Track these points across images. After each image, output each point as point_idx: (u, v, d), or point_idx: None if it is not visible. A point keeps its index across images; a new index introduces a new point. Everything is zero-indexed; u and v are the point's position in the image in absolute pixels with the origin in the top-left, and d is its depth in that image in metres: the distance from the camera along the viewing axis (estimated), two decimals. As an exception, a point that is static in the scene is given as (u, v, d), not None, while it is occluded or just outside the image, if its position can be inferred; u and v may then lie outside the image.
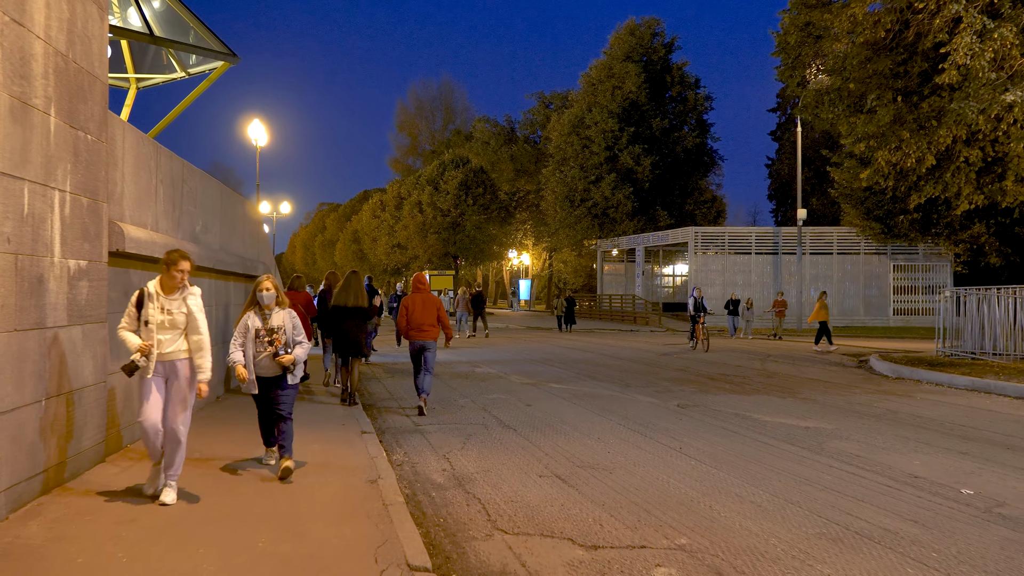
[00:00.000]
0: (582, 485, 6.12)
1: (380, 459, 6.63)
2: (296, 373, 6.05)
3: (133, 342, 5.12)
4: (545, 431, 8.39)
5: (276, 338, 5.96)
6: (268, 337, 5.92)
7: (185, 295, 5.32)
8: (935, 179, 13.09)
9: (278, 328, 5.97)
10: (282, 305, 6.10)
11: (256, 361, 5.93)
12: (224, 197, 10.63)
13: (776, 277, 34.74)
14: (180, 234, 8.33)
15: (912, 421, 9.21)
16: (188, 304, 5.28)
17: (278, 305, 6.07)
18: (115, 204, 6.45)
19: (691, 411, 9.82)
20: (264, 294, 5.97)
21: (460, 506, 5.57)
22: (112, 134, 6.38)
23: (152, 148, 7.39)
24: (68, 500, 5.17)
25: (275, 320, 5.99)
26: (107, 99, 6.09)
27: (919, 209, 20.68)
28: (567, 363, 16.35)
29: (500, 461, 6.95)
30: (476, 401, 10.58)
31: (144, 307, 5.19)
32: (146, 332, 5.16)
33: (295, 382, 6.10)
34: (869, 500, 5.70)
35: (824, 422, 9.05)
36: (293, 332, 6.04)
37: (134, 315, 5.20)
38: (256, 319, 5.98)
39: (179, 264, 5.22)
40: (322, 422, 8.46)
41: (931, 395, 11.67)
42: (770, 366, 16.06)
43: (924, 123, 11.85)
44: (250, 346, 5.93)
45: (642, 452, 7.33)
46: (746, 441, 7.87)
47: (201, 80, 15.78)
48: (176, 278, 5.22)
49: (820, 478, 6.35)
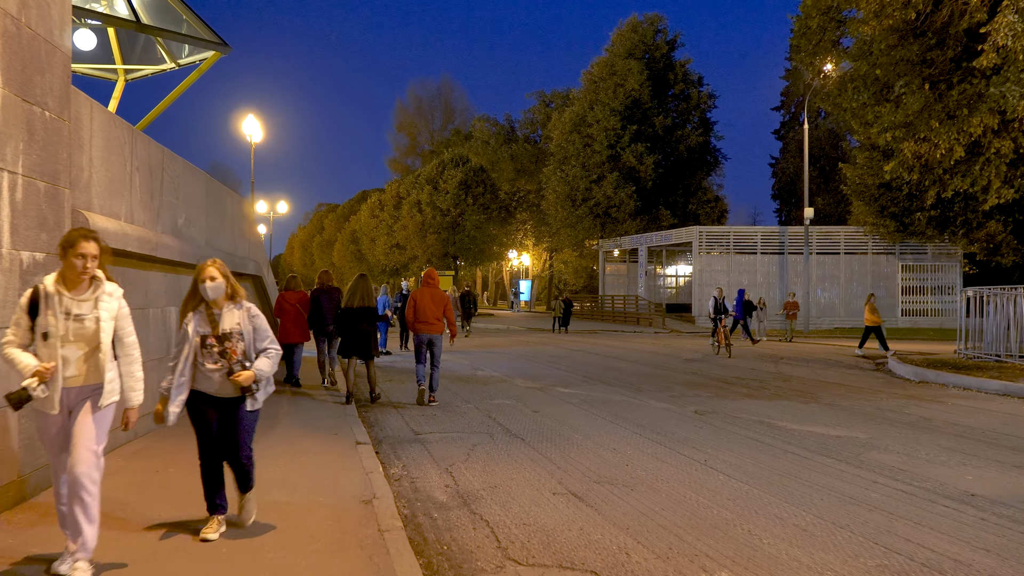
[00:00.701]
0: (601, 504, 5.47)
1: (376, 474, 5.97)
2: (260, 395, 4.45)
3: (25, 363, 3.71)
4: (556, 441, 7.74)
5: (230, 348, 4.36)
6: (219, 347, 4.35)
7: (99, 293, 3.89)
8: (962, 172, 12.45)
9: (232, 334, 4.38)
10: (237, 300, 4.46)
11: (201, 377, 4.42)
12: (211, 190, 9.98)
13: (782, 277, 34.09)
14: (159, 227, 7.68)
15: (950, 429, 8.56)
16: (101, 307, 3.86)
17: (231, 300, 4.44)
18: (81, 191, 5.79)
19: (710, 418, 9.17)
20: (208, 286, 4.34)
21: (466, 530, 4.92)
22: (77, 113, 5.73)
23: (126, 131, 6.74)
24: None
25: (228, 322, 4.40)
26: (69, 72, 5.45)
27: (936, 206, 20.04)
28: (573, 366, 15.70)
29: (509, 475, 6.30)
30: (480, 407, 9.92)
31: (40, 314, 3.79)
32: (45, 348, 3.78)
33: (256, 408, 4.47)
34: (927, 523, 5.04)
35: (856, 430, 8.40)
36: (255, 338, 4.44)
37: (26, 325, 3.80)
38: (201, 322, 4.39)
39: (79, 246, 3.76)
40: (313, 432, 7.80)
41: (962, 400, 11.02)
42: (785, 369, 15.41)
43: (954, 112, 11.21)
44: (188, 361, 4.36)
45: (664, 465, 6.68)
46: (776, 453, 7.22)
47: (191, 71, 15.15)
48: (77, 267, 3.77)
49: (866, 496, 5.70)
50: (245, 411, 4.41)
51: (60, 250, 3.82)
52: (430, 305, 9.82)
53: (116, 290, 3.99)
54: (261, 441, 7.18)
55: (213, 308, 4.41)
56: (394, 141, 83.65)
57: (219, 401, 4.43)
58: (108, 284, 3.96)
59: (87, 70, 14.92)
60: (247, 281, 12.32)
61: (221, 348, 4.34)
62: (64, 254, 3.79)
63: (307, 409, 9.27)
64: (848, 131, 42.26)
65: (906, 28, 11.15)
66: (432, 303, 9.83)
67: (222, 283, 4.39)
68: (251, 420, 4.51)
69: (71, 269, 3.79)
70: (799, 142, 45.34)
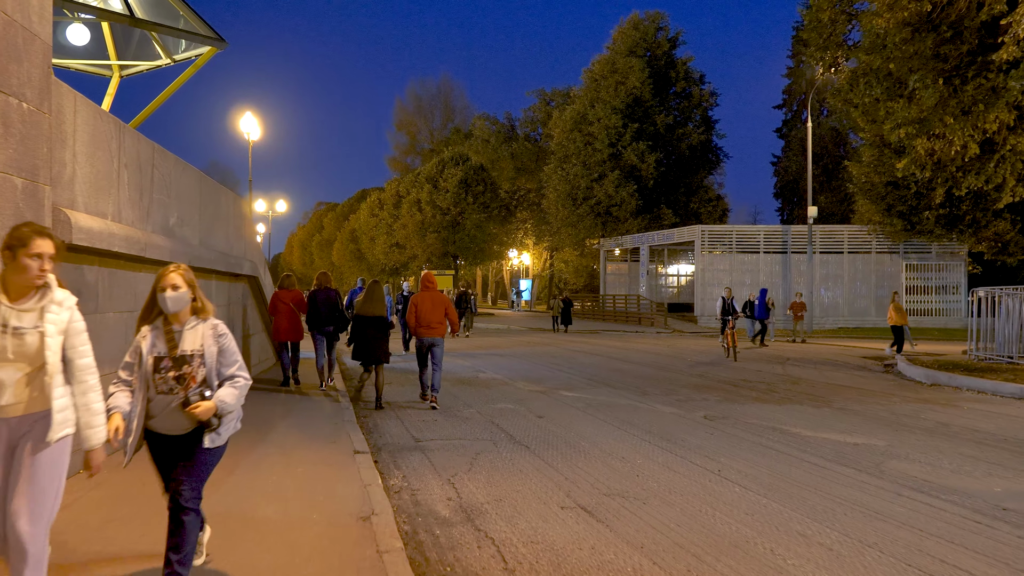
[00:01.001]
0: (613, 520, 5.17)
1: (375, 487, 5.67)
2: (222, 431, 3.61)
3: None
4: (562, 449, 7.44)
5: (188, 373, 3.51)
6: (174, 371, 3.50)
7: (45, 302, 3.14)
8: (976, 170, 12.14)
9: (193, 356, 3.54)
10: (203, 315, 3.64)
11: (152, 408, 3.55)
12: (205, 187, 9.68)
13: (785, 277, 33.79)
14: (150, 226, 7.37)
15: (970, 436, 8.26)
16: (48, 318, 3.12)
17: (196, 315, 3.63)
18: (63, 188, 5.49)
19: (720, 424, 8.87)
20: (168, 296, 3.50)
21: (470, 548, 4.62)
22: (59, 105, 5.42)
23: (113, 126, 6.43)
24: None
25: (189, 342, 3.57)
26: (50, 62, 5.14)
27: (944, 204, 19.74)
28: (576, 367, 15.39)
29: (514, 487, 6.00)
30: (482, 411, 9.62)
31: None
32: None
33: (217, 445, 3.61)
34: (961, 541, 4.74)
35: (873, 437, 8.10)
36: (219, 362, 3.59)
37: None
38: (157, 339, 3.56)
39: (33, 244, 3.07)
40: (309, 439, 7.50)
41: (978, 404, 10.72)
42: (792, 371, 15.11)
43: (969, 107, 10.91)
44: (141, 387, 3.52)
45: (676, 476, 6.38)
46: (792, 462, 6.92)
47: (187, 67, 14.84)
48: (31, 271, 3.08)
49: (892, 511, 5.39)
50: (203, 448, 3.54)
51: (5, 251, 3.10)
52: (431, 309, 9.90)
53: (68, 299, 3.23)
54: (256, 449, 6.90)
55: (173, 323, 3.58)
56: (394, 140, 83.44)
57: (170, 440, 3.58)
58: (59, 291, 3.20)
59: (80, 66, 14.59)
60: (243, 282, 12.01)
61: (178, 373, 3.49)
62: (13, 255, 3.07)
63: (304, 413, 8.97)
64: (852, 129, 41.97)
65: (920, 21, 10.84)
66: (433, 306, 9.91)
67: (186, 293, 3.55)
68: (208, 460, 3.59)
69: (20, 273, 3.08)
70: (801, 140, 45.00)
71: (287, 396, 10.48)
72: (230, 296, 11.06)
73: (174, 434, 3.57)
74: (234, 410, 3.63)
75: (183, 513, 3.46)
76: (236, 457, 6.53)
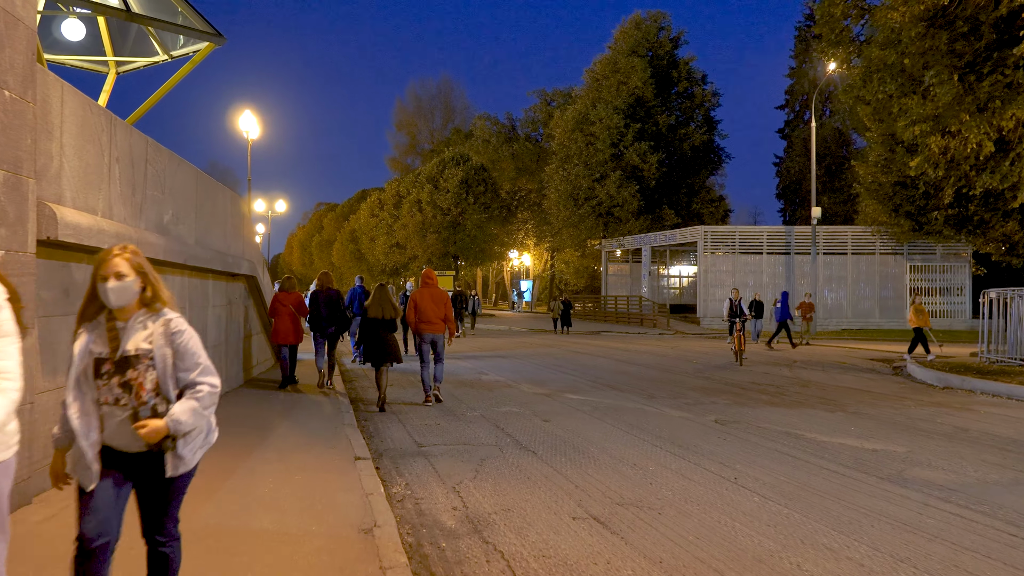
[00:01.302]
0: (628, 531, 4.90)
1: (377, 496, 5.40)
2: (186, 453, 2.91)
3: None
4: (570, 455, 7.17)
5: (134, 379, 2.83)
6: (118, 376, 2.83)
7: None
8: (991, 169, 11.87)
9: (139, 357, 2.85)
10: (155, 307, 2.92)
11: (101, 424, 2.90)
12: (201, 184, 9.41)
13: (788, 278, 33.52)
14: (143, 223, 7.10)
15: (991, 442, 7.99)
16: None
17: (146, 307, 2.91)
18: (50, 182, 5.22)
19: (732, 428, 8.60)
20: (111, 286, 2.81)
21: (479, 563, 4.36)
22: (45, 95, 5.16)
23: (104, 118, 6.17)
24: None
25: (134, 339, 2.86)
26: (35, 49, 4.87)
27: (953, 204, 19.48)
28: (580, 370, 15.13)
29: (522, 496, 5.73)
30: (486, 415, 9.35)
31: None
32: None
33: (182, 472, 2.92)
34: (999, 557, 4.47)
35: (891, 443, 7.83)
36: (174, 366, 2.89)
37: None
38: (97, 338, 2.88)
39: None
40: (308, 443, 7.23)
41: (993, 408, 10.46)
42: (801, 373, 14.84)
43: (984, 104, 10.64)
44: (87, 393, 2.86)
45: (691, 484, 6.11)
46: (810, 469, 6.65)
47: (184, 63, 14.58)
48: None
49: (921, 522, 5.13)
50: (165, 476, 2.89)
51: None
52: (431, 305, 9.99)
53: None
54: (252, 453, 6.63)
55: (118, 318, 2.88)
56: (394, 140, 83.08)
57: (124, 459, 2.91)
58: None
59: (76, 62, 14.33)
60: (240, 282, 11.74)
61: (122, 379, 2.81)
62: None
63: (303, 416, 8.70)
64: (855, 129, 41.68)
65: (936, 15, 10.57)
66: (433, 303, 10.01)
67: (133, 282, 2.85)
68: (176, 487, 2.96)
69: None
70: (804, 141, 44.76)
71: (286, 397, 10.23)
72: (227, 296, 10.79)
73: (132, 451, 2.89)
74: (195, 428, 2.92)
75: (160, 547, 3.01)
76: (232, 462, 6.28)
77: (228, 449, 6.80)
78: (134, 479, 2.95)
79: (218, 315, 10.20)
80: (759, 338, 23.74)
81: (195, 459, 2.99)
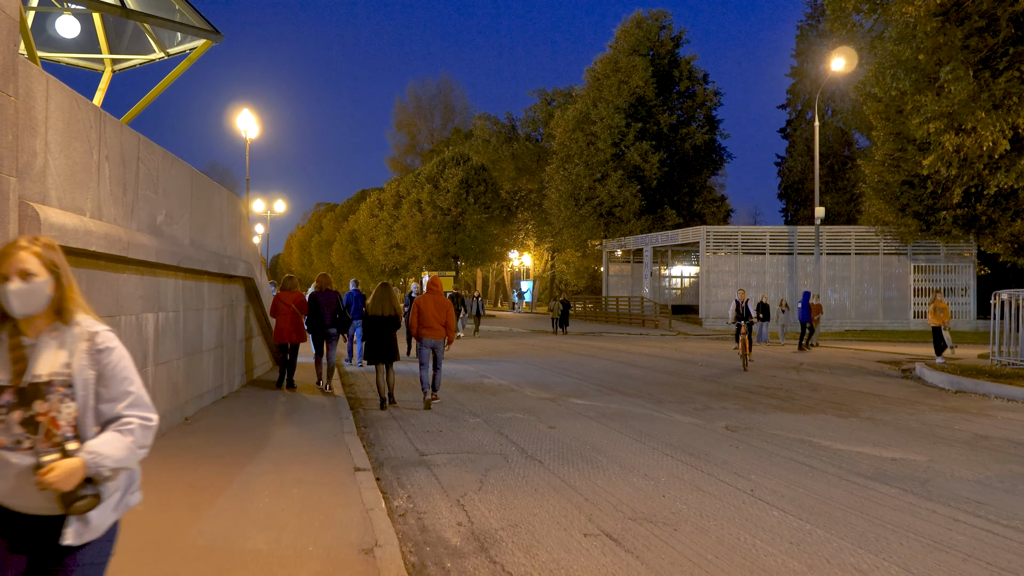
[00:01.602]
0: (642, 550, 4.64)
1: (378, 512, 5.13)
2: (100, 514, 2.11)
3: None
4: (578, 464, 6.90)
5: (44, 413, 2.09)
6: (21, 410, 2.09)
7: None
8: (1006, 167, 11.60)
9: (52, 384, 2.12)
10: (65, 318, 2.21)
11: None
12: (196, 184, 9.14)
13: (791, 278, 33.26)
14: (134, 224, 6.83)
15: (1015, 450, 7.72)
16: None
17: (58, 317, 2.21)
18: (33, 181, 4.95)
19: (745, 435, 8.33)
20: (14, 290, 2.11)
21: (486, 586, 4.09)
22: (29, 89, 4.89)
23: (93, 114, 5.90)
24: None
25: (46, 362, 2.14)
26: (17, 41, 4.61)
27: (962, 204, 19.21)
28: (584, 372, 14.86)
29: (530, 510, 5.46)
30: (489, 421, 9.09)
31: None
32: None
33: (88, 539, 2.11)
34: (1039, 578, 4.21)
35: (910, 452, 7.56)
36: (98, 394, 2.16)
37: None
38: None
39: None
40: (306, 453, 6.96)
41: (1012, 414, 10.19)
42: (809, 377, 14.58)
43: (1000, 101, 10.38)
44: None
45: (706, 496, 5.84)
46: (830, 480, 6.38)
47: (181, 60, 14.32)
48: None
49: (952, 539, 4.86)
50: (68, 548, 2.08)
51: None
52: (434, 312, 10.01)
53: None
54: (247, 465, 6.37)
55: (23, 332, 2.16)
56: (393, 140, 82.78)
57: (23, 521, 2.12)
58: None
59: (71, 60, 14.07)
60: (237, 283, 11.48)
61: (26, 412, 2.09)
62: None
63: (301, 422, 8.42)
64: (856, 129, 41.40)
65: (951, 9, 10.30)
66: (436, 309, 10.03)
67: (44, 283, 2.16)
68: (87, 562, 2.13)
69: None
70: (806, 140, 44.55)
71: (284, 401, 9.99)
72: (224, 299, 10.53)
73: (36, 514, 2.09)
74: (122, 469, 2.15)
75: None
76: (227, 476, 6.01)
77: (222, 460, 6.54)
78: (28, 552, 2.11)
79: (213, 318, 9.93)
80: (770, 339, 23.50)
81: (105, 523, 2.15)
